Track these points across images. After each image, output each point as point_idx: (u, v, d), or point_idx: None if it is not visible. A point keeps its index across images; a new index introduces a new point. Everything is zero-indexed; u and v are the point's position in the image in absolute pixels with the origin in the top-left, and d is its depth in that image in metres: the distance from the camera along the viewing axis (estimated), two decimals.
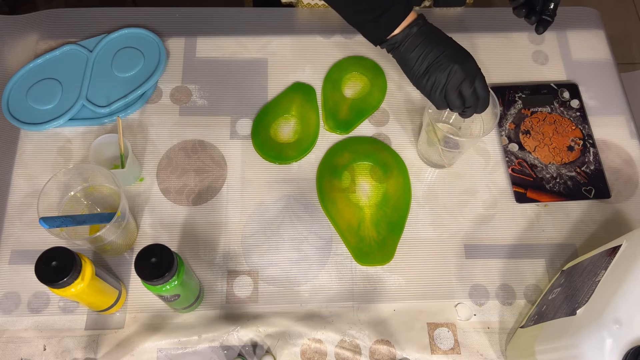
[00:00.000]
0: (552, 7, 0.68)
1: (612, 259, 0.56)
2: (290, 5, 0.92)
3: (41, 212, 0.62)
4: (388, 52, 0.67)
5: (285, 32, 0.87)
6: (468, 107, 0.65)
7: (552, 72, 0.85)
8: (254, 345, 0.66)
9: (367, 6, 0.64)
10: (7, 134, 0.78)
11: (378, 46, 0.67)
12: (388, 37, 0.65)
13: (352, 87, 0.83)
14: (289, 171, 0.77)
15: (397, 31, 0.64)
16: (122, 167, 0.71)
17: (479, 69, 0.64)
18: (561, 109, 0.81)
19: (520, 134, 0.80)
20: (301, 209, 0.74)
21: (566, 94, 0.83)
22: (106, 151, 0.73)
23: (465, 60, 0.63)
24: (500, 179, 0.77)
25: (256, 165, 0.77)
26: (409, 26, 0.64)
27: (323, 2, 0.88)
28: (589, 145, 0.79)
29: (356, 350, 0.67)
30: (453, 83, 0.63)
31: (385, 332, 0.68)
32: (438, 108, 0.66)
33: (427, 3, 0.91)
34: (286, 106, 0.81)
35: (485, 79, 0.65)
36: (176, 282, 0.57)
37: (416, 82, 0.65)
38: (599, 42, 0.88)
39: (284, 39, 0.86)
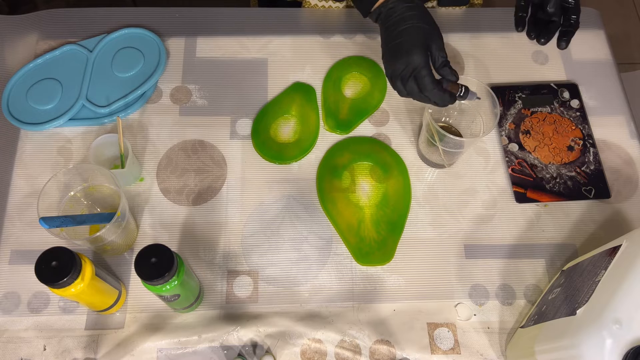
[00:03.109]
0: (574, 17, 0.67)
1: (612, 259, 0.56)
2: (295, 3, 0.91)
3: (41, 212, 0.62)
4: (374, 22, 0.70)
5: (285, 32, 0.87)
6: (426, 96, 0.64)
7: (552, 72, 0.85)
8: (254, 345, 0.66)
9: None
10: (7, 134, 0.78)
11: (368, 17, 0.71)
12: (373, 8, 0.68)
13: (352, 87, 0.83)
14: (289, 171, 0.77)
15: (378, 3, 0.67)
16: (122, 167, 0.71)
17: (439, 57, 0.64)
18: (561, 109, 0.82)
19: (520, 134, 0.80)
20: (301, 209, 0.74)
21: (566, 94, 0.83)
22: (106, 151, 0.73)
23: (426, 47, 0.63)
24: (500, 179, 0.77)
25: (256, 165, 0.77)
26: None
27: (330, 4, 0.88)
28: (589, 145, 0.79)
29: (356, 350, 0.67)
30: (406, 73, 0.64)
31: (385, 332, 0.68)
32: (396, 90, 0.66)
33: (430, 3, 0.90)
34: (286, 106, 0.81)
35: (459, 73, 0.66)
36: (176, 282, 0.57)
37: (383, 57, 0.68)
38: (599, 42, 0.88)
39: (284, 39, 0.86)
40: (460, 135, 0.77)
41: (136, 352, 0.65)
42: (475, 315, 0.69)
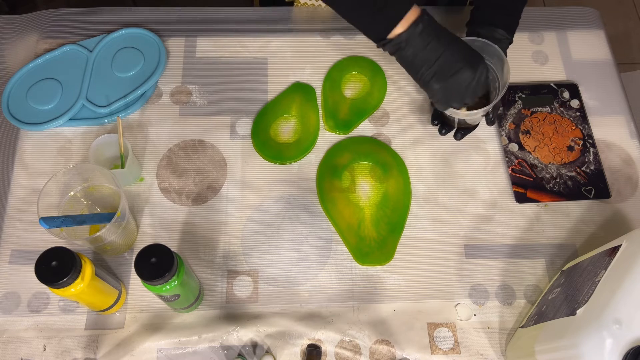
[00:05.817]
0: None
1: (612, 259, 0.56)
2: (291, 4, 0.92)
3: (41, 212, 0.62)
4: (392, 54, 0.63)
5: (285, 32, 0.87)
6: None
7: (552, 72, 0.85)
8: (254, 345, 0.66)
9: (365, 1, 0.61)
10: (7, 134, 0.78)
11: (381, 48, 0.63)
12: (391, 37, 0.61)
13: (352, 87, 0.83)
14: (289, 171, 0.77)
15: (400, 30, 0.60)
16: (122, 167, 0.71)
17: (487, 69, 0.65)
18: (561, 109, 0.81)
19: (520, 134, 0.80)
20: (301, 209, 0.74)
21: (566, 94, 0.83)
22: (106, 151, 0.73)
23: (476, 65, 0.63)
24: (500, 179, 0.77)
25: (256, 165, 0.77)
26: (414, 24, 0.60)
27: (320, 3, 0.88)
28: (589, 145, 0.79)
29: (356, 350, 0.67)
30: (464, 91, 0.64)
31: (385, 332, 0.68)
32: (443, 109, 0.68)
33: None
34: (286, 106, 0.81)
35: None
36: (176, 282, 0.57)
37: (425, 85, 0.64)
38: (599, 42, 0.88)
39: (284, 39, 0.86)
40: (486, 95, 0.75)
41: (136, 352, 0.65)
42: (475, 315, 0.69)
